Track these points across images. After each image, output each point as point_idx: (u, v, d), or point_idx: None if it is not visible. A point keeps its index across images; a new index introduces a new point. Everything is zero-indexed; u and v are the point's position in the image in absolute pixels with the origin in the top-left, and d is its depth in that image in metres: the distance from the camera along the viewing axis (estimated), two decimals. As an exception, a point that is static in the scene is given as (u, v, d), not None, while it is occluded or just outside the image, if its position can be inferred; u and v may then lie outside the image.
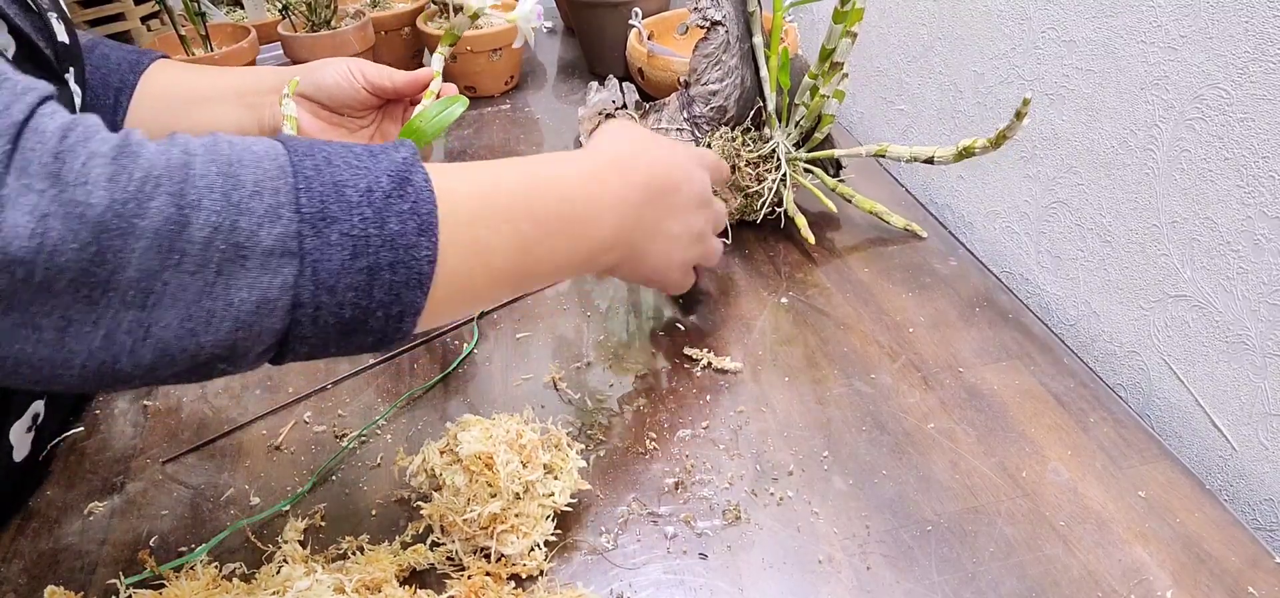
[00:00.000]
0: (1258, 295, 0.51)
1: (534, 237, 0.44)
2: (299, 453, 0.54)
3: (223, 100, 0.66)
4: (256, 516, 0.49)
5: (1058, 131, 0.64)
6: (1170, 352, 0.58)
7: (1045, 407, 0.54)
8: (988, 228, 0.75)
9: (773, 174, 0.71)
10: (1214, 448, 0.55)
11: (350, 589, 0.42)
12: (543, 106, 1.05)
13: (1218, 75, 0.51)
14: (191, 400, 0.59)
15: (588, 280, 0.69)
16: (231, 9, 1.38)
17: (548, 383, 0.59)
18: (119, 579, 0.46)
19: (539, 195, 0.45)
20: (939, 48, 0.78)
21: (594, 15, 1.07)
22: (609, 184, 0.49)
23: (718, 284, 0.68)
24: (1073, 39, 0.61)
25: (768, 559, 0.45)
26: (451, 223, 0.39)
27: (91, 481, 0.53)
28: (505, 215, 0.42)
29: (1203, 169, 0.53)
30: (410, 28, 1.14)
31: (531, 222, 0.44)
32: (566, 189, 0.47)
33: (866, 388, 0.56)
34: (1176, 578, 0.44)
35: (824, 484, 0.50)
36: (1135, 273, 0.59)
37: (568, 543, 0.47)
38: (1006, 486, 0.49)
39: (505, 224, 0.42)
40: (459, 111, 0.60)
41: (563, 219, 0.46)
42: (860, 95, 0.93)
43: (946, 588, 0.44)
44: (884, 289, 0.66)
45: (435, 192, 0.38)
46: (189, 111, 0.65)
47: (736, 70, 0.70)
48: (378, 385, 0.59)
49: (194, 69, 0.69)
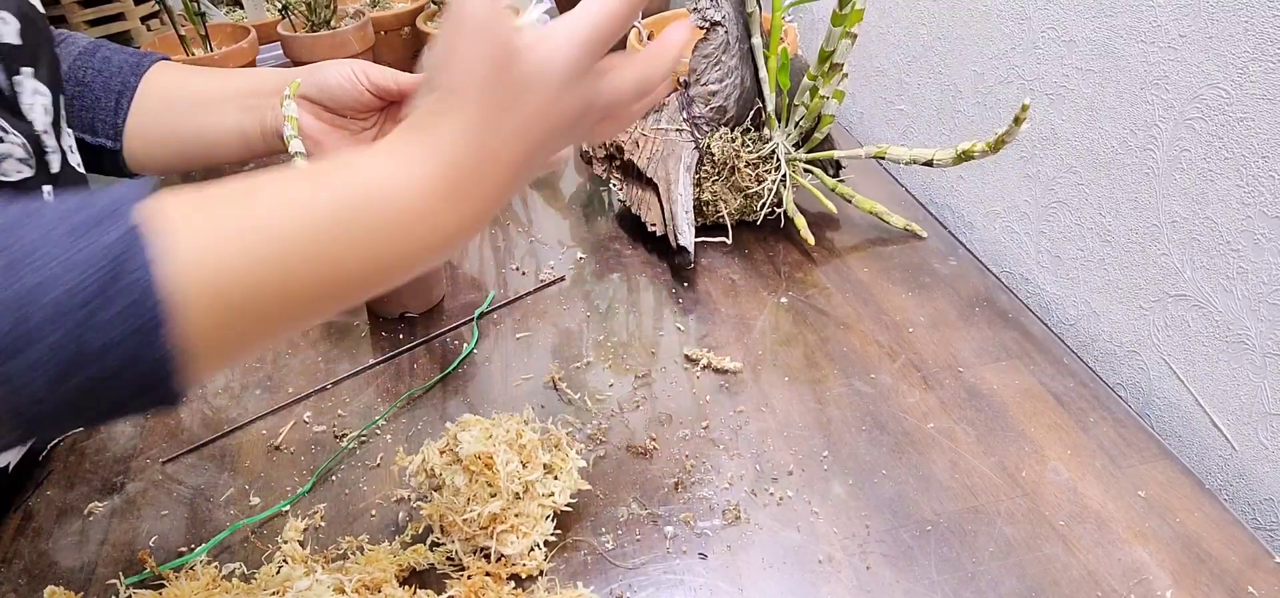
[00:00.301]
0: (1258, 295, 0.51)
1: (339, 278, 0.34)
2: (299, 453, 0.54)
3: (224, 102, 0.65)
4: (256, 516, 0.49)
5: (1058, 131, 0.64)
6: (1170, 351, 0.58)
7: (1045, 406, 0.54)
8: (988, 228, 0.75)
9: (772, 175, 0.71)
10: (1214, 448, 0.55)
11: (350, 589, 0.42)
12: (542, 107, 1.05)
13: (1218, 75, 0.51)
14: (191, 400, 0.59)
15: (588, 280, 0.69)
16: (231, 9, 1.38)
17: (548, 383, 0.59)
18: (119, 579, 0.46)
19: (339, 235, 0.33)
20: (938, 48, 0.78)
21: (594, 15, 1.07)
22: (446, 204, 0.35)
23: (718, 284, 0.68)
24: (1072, 39, 0.61)
25: (768, 559, 0.45)
26: (202, 298, 0.30)
27: (91, 481, 0.53)
28: (292, 260, 0.32)
29: (1203, 169, 0.53)
30: (410, 28, 1.14)
31: (333, 263, 0.33)
32: (377, 218, 0.34)
33: (866, 388, 0.56)
34: (1176, 578, 0.44)
35: (824, 484, 0.50)
36: (1135, 272, 0.60)
37: (568, 543, 0.47)
38: (1006, 485, 0.49)
39: (290, 270, 0.32)
40: None
41: (378, 243, 0.34)
42: (860, 95, 0.93)
43: (946, 588, 0.44)
44: (884, 289, 0.66)
45: (171, 268, 0.29)
46: (191, 114, 0.64)
47: (736, 71, 0.70)
48: (378, 385, 0.59)
49: (195, 71, 0.68)
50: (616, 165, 0.77)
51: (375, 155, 0.35)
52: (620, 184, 0.76)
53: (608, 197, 0.82)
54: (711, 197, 0.72)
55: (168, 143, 0.64)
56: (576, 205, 0.81)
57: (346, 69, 0.62)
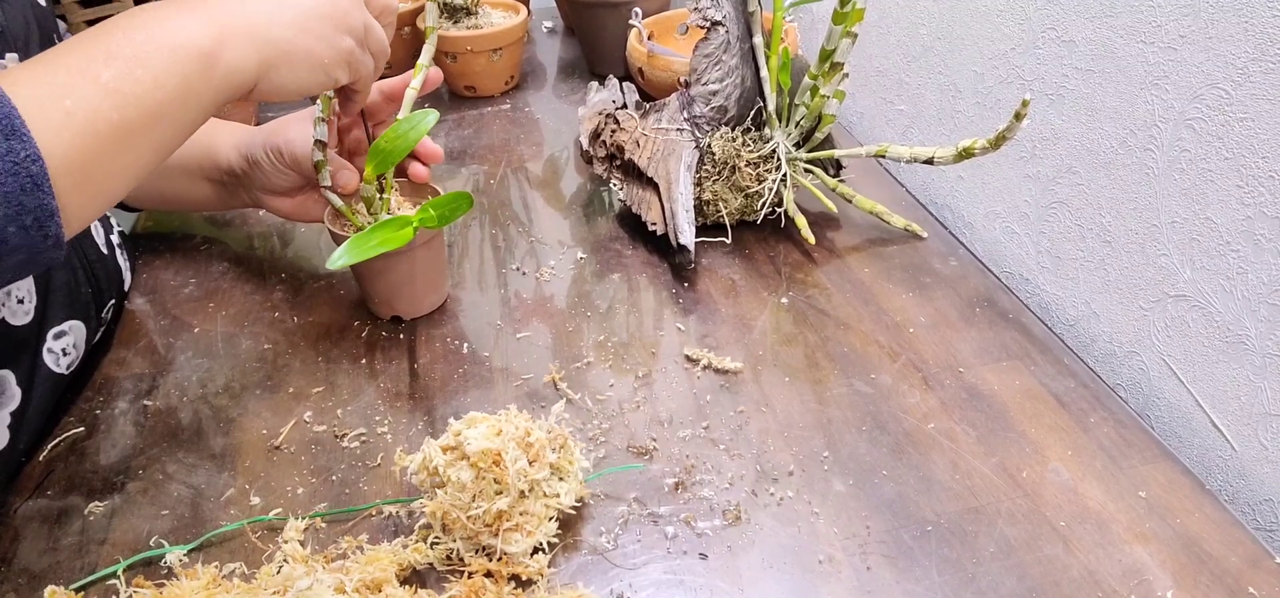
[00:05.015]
0: (1257, 296, 0.51)
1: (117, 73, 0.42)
2: (299, 453, 0.54)
3: (192, 174, 0.70)
4: (257, 516, 0.49)
5: (1057, 131, 0.64)
6: (1170, 352, 0.58)
7: (1045, 407, 0.54)
8: (988, 228, 0.75)
9: (773, 174, 0.71)
10: (1214, 448, 0.55)
11: (350, 589, 0.42)
12: (543, 106, 1.05)
13: (1218, 75, 0.51)
14: (191, 400, 0.59)
15: (588, 280, 0.69)
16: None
17: (548, 383, 0.59)
18: (119, 580, 0.46)
19: (107, 32, 0.44)
20: (939, 48, 0.78)
21: (594, 15, 1.07)
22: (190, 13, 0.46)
23: (718, 284, 0.68)
24: (1072, 39, 0.61)
25: (768, 559, 0.46)
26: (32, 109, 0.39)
27: (91, 481, 0.53)
28: (80, 68, 0.41)
29: (1202, 169, 0.53)
30: (410, 27, 1.14)
31: (106, 58, 0.42)
32: (132, 18, 0.45)
33: (866, 388, 0.56)
34: (1176, 578, 0.44)
35: (824, 484, 0.50)
36: (1135, 273, 0.60)
37: (568, 543, 0.47)
38: (1006, 486, 0.49)
39: (86, 74, 0.41)
40: (428, 126, 0.57)
41: (139, 34, 0.44)
42: (860, 95, 0.93)
43: (946, 588, 0.44)
44: (884, 289, 0.66)
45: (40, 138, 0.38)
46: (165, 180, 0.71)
47: (737, 70, 0.70)
48: (378, 385, 0.59)
49: None
50: (617, 165, 0.77)
51: None
52: (620, 184, 0.76)
53: (608, 197, 0.82)
54: (712, 196, 0.72)
55: (148, 199, 0.75)
56: (576, 205, 0.81)
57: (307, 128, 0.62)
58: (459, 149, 0.94)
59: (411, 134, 0.57)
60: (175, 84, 0.44)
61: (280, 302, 0.69)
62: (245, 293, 0.70)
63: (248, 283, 0.71)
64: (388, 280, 0.63)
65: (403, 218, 0.56)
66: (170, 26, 0.45)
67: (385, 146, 0.57)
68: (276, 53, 0.49)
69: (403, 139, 0.57)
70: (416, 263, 0.63)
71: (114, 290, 0.66)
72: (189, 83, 0.45)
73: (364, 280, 0.64)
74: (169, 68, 0.44)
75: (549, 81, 1.13)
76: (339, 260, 0.53)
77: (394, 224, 0.55)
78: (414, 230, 0.56)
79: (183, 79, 0.44)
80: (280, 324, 0.66)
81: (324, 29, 0.50)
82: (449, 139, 0.97)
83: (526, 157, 0.91)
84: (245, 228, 0.80)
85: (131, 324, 0.67)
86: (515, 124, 1.00)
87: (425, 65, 0.62)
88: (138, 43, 0.43)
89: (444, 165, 0.90)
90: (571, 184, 0.85)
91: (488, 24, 1.06)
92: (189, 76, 0.45)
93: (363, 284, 0.65)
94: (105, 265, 0.64)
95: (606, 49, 1.08)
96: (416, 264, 0.63)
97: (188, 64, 0.45)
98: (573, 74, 1.15)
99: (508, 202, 0.82)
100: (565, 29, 1.33)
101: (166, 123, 0.44)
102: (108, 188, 0.43)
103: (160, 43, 0.44)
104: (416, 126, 0.57)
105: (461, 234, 0.77)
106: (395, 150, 0.57)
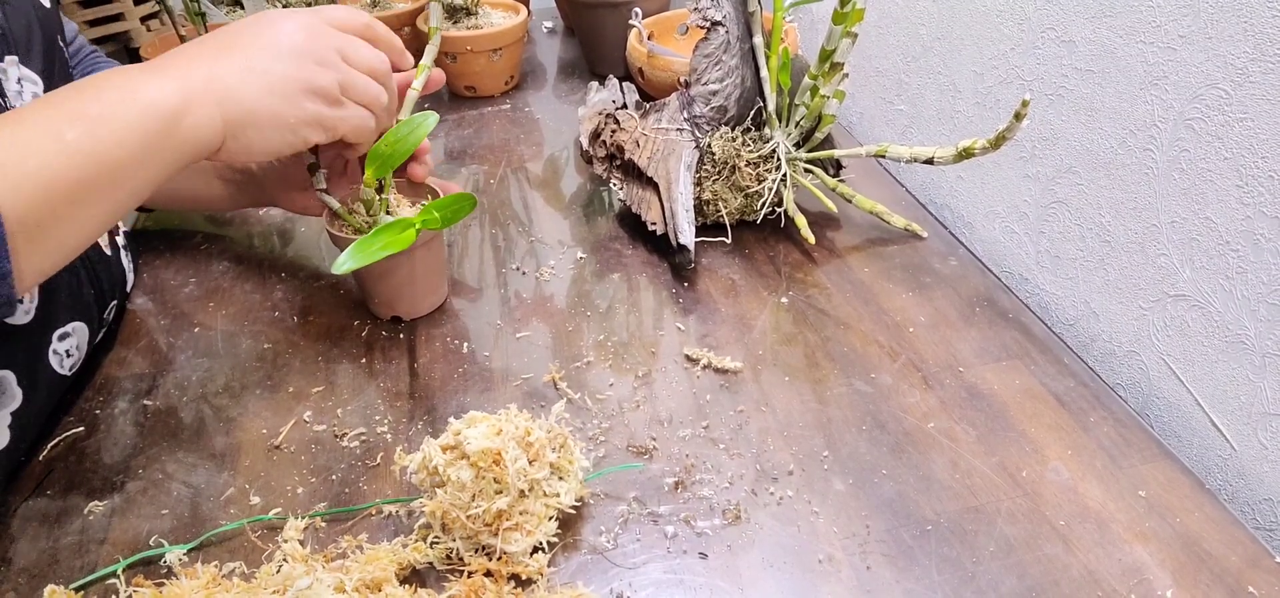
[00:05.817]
0: (1257, 295, 0.51)
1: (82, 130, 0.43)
2: (299, 453, 0.54)
3: (206, 172, 0.69)
4: (256, 515, 0.49)
5: (1057, 132, 0.64)
6: (1170, 351, 0.58)
7: (1045, 406, 0.54)
8: (987, 228, 0.75)
9: (773, 174, 0.71)
10: (1214, 448, 0.55)
11: (350, 589, 0.42)
12: (543, 107, 1.05)
13: (1217, 75, 0.51)
14: (191, 400, 0.59)
15: (588, 280, 0.69)
16: (232, 10, 1.38)
17: (548, 383, 0.59)
18: (118, 579, 0.46)
19: (79, 91, 0.44)
20: (939, 48, 0.78)
21: (594, 15, 1.07)
22: (169, 59, 0.48)
23: (718, 284, 0.68)
24: (1072, 39, 0.62)
25: (768, 559, 0.46)
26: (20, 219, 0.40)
27: (91, 481, 0.53)
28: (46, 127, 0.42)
29: (1202, 169, 0.53)
30: (410, 27, 1.14)
31: (71, 118, 0.43)
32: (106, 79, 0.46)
33: (866, 388, 0.56)
34: (1176, 578, 0.44)
35: (824, 484, 0.50)
36: (1134, 273, 0.60)
37: (568, 542, 0.47)
38: (1006, 485, 0.49)
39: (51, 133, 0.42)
40: (428, 128, 0.57)
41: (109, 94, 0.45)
42: (860, 95, 0.93)
43: (946, 588, 0.44)
44: (884, 289, 0.66)
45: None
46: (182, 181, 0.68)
47: (737, 70, 0.70)
48: (378, 385, 0.59)
49: None
50: (617, 165, 0.77)
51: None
52: (620, 184, 0.76)
53: (608, 196, 0.82)
54: (712, 196, 0.72)
55: (162, 198, 0.73)
56: (576, 205, 0.81)
57: None
58: (459, 149, 0.94)
59: (411, 138, 0.57)
60: (136, 142, 0.45)
61: (280, 301, 0.69)
62: (245, 292, 0.70)
63: (248, 282, 0.71)
64: (389, 282, 0.63)
65: (406, 220, 0.56)
66: (138, 88, 0.46)
67: (385, 150, 0.57)
68: (243, 115, 0.49)
69: (403, 143, 0.57)
70: (417, 264, 0.63)
71: (117, 291, 0.66)
72: (150, 142, 0.45)
73: (365, 281, 0.64)
74: (131, 127, 0.45)
75: (549, 81, 1.13)
76: (344, 265, 0.53)
77: (397, 227, 0.55)
78: (417, 233, 0.56)
79: (144, 138, 0.45)
80: (280, 324, 0.66)
81: (290, 91, 0.51)
82: (449, 139, 0.97)
83: (526, 157, 0.91)
84: (245, 227, 0.80)
85: (132, 323, 0.67)
86: (515, 124, 1.00)
87: (427, 66, 0.62)
88: (105, 102, 0.44)
89: (444, 165, 0.91)
90: (571, 184, 0.85)
91: (488, 24, 1.06)
92: (150, 136, 0.45)
93: (363, 285, 0.65)
94: (108, 267, 0.64)
95: (606, 49, 1.08)
96: (417, 265, 0.63)
97: (151, 124, 0.45)
98: (573, 74, 1.15)
99: (508, 201, 0.83)
100: (565, 29, 1.33)
101: (125, 181, 0.45)
102: (63, 245, 0.44)
103: (128, 102, 0.45)
104: (416, 130, 0.57)
105: (462, 234, 0.77)
106: (395, 154, 0.57)
